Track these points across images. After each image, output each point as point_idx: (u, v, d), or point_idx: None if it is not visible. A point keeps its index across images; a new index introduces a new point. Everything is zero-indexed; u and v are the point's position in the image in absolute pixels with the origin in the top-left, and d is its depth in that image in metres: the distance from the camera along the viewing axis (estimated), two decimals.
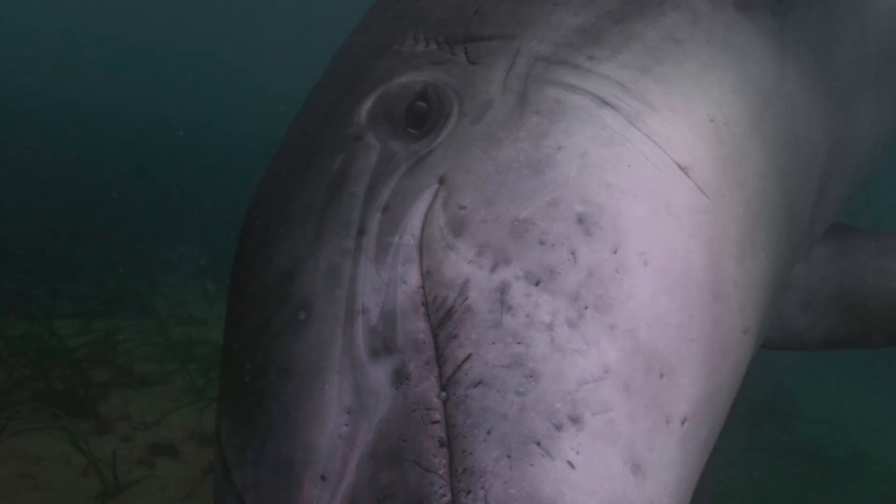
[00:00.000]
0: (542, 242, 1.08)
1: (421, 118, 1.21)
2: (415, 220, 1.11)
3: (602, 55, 1.27)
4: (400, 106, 1.23)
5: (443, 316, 1.04)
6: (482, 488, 0.94)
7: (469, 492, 0.94)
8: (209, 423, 4.28)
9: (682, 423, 1.09)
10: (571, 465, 0.96)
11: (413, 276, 1.07)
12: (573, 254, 1.07)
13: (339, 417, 1.01)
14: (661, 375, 1.07)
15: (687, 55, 1.32)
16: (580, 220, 1.10)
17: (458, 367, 1.01)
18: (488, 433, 0.97)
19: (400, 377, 1.02)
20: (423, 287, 1.07)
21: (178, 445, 4.08)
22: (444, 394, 1.00)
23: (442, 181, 1.14)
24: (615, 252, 1.09)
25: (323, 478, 0.99)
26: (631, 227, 1.12)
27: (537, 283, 1.05)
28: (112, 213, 8.97)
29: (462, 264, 1.07)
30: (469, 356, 1.01)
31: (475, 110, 1.20)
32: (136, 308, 6.49)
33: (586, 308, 1.05)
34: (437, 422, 0.98)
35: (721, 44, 1.38)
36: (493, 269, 1.06)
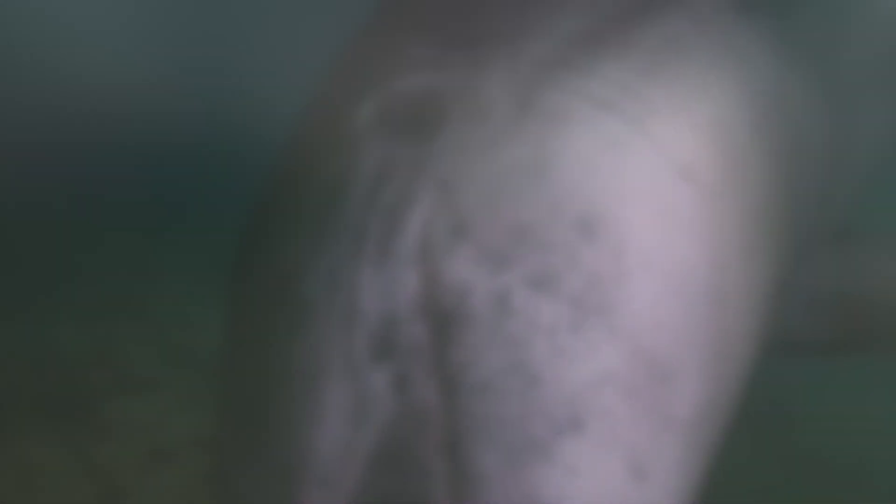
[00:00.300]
0: (542, 246, 1.07)
1: (421, 121, 1.21)
2: (415, 224, 1.11)
3: (603, 57, 1.26)
4: (400, 108, 1.23)
5: (443, 320, 1.04)
6: (483, 494, 0.93)
7: (470, 497, 0.93)
8: (209, 427, 4.27)
9: (684, 427, 1.08)
10: (572, 470, 0.96)
11: (413, 280, 1.07)
12: (574, 258, 1.07)
13: (340, 422, 1.01)
14: (663, 379, 1.06)
15: (688, 57, 1.32)
16: (581, 223, 1.10)
17: (459, 371, 1.00)
18: (489, 438, 0.96)
19: (400, 382, 1.01)
20: (423, 291, 1.06)
21: (177, 450, 4.08)
22: (444, 398, 0.99)
23: (442, 184, 1.14)
24: (616, 256, 1.09)
25: (323, 483, 0.98)
26: (632, 231, 1.11)
27: (538, 288, 1.05)
28: (111, 215, 8.98)
29: (462, 268, 1.06)
30: (470, 361, 1.00)
31: (476, 113, 1.20)
32: (136, 311, 6.48)
33: (587, 312, 1.04)
34: (437, 427, 0.98)
35: (722, 46, 1.38)
36: (494, 273, 1.05)
